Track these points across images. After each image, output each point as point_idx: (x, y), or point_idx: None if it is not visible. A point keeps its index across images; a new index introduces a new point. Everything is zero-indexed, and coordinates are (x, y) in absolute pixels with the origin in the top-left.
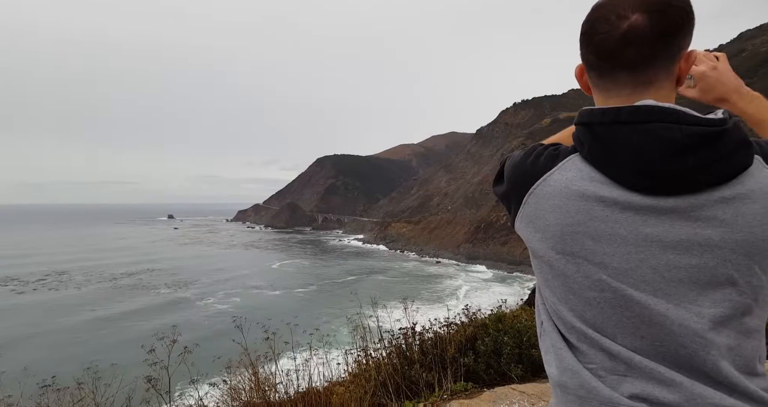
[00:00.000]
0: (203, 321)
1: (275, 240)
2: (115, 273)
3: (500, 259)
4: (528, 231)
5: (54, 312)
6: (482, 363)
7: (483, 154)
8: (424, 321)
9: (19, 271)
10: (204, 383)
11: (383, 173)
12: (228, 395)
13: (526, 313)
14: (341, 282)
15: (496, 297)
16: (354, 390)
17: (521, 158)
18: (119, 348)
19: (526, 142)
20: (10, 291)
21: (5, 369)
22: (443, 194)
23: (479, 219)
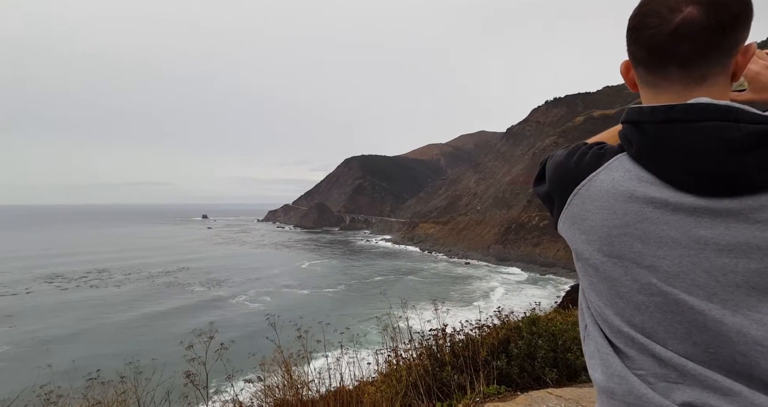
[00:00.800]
0: (236, 319)
1: (304, 240)
2: (152, 271)
3: (532, 261)
4: (572, 233)
5: (96, 310)
6: (515, 366)
7: (513, 153)
8: (454, 323)
9: (63, 269)
10: (239, 379)
11: (411, 173)
12: (262, 392)
13: (561, 316)
14: (369, 282)
15: (529, 300)
16: (385, 390)
17: (564, 158)
18: (158, 345)
19: (558, 141)
20: (55, 287)
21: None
22: (472, 194)
23: (510, 220)
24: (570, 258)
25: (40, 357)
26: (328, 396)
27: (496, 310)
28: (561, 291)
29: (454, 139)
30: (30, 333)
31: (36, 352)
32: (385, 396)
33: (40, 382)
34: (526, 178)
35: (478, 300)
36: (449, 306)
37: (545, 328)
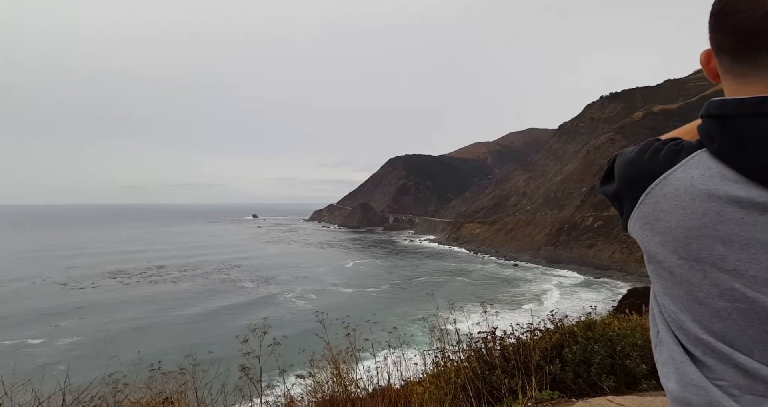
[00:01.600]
0: (285, 316)
1: (348, 240)
2: (206, 269)
3: (586, 263)
4: (644, 234)
5: (156, 305)
6: (570, 371)
7: (566, 150)
8: (504, 326)
9: (125, 266)
10: (290, 374)
11: (456, 172)
12: (312, 387)
13: (619, 321)
14: (413, 282)
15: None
16: (433, 391)
17: (636, 154)
18: (213, 339)
19: (614, 138)
20: (118, 282)
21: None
22: (521, 194)
23: (562, 220)
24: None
25: (107, 347)
26: (376, 395)
27: (549, 314)
28: (617, 296)
29: (502, 137)
30: (97, 325)
31: (103, 343)
32: (433, 396)
33: (109, 371)
34: (580, 176)
35: (528, 304)
36: (497, 309)
37: (602, 333)
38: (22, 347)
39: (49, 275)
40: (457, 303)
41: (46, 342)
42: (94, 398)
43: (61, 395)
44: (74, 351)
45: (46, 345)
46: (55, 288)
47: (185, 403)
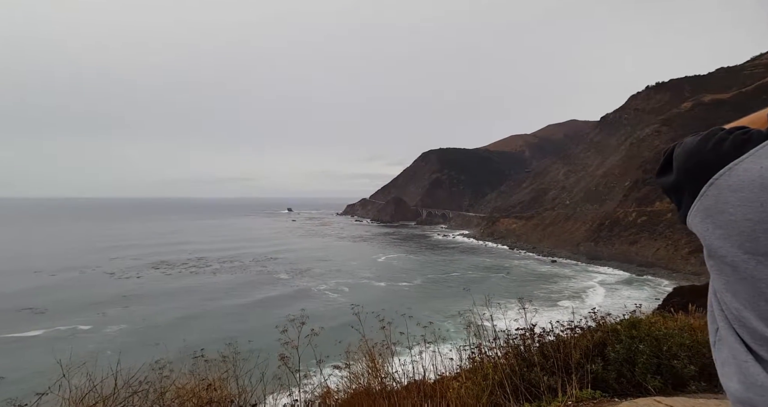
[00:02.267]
0: (319, 308)
1: (381, 234)
2: (244, 261)
3: (628, 260)
4: (705, 227)
5: (197, 294)
6: (613, 371)
7: (608, 143)
8: (542, 323)
9: (168, 257)
10: (327, 365)
11: (491, 166)
12: (348, 379)
13: (665, 320)
14: (446, 277)
15: (624, 302)
16: (470, 386)
17: (698, 144)
18: (252, 329)
19: (660, 130)
20: (161, 273)
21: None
22: (560, 188)
23: (603, 216)
24: (672, 258)
25: (151, 335)
26: (411, 388)
27: (590, 311)
28: (661, 294)
29: (541, 129)
30: (142, 314)
31: (147, 331)
32: (470, 392)
33: (155, 358)
34: (622, 170)
35: (567, 301)
36: (535, 306)
37: (647, 332)
38: (74, 332)
39: (98, 265)
40: (493, 299)
41: (95, 328)
42: (142, 383)
43: (113, 379)
44: (121, 337)
45: (95, 331)
46: (102, 278)
47: (227, 390)
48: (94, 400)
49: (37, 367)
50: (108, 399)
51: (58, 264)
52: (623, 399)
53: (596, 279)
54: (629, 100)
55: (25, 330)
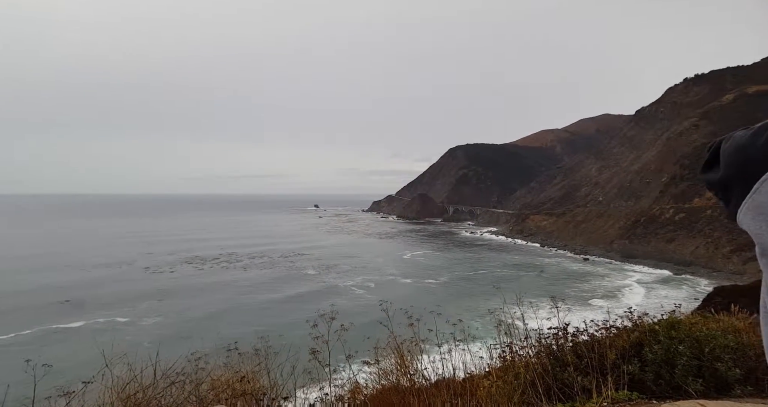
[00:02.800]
0: (346, 304)
1: (406, 231)
2: (272, 257)
3: (664, 259)
4: (758, 225)
5: (229, 289)
6: (650, 372)
7: (643, 138)
8: (576, 322)
9: (200, 252)
10: (356, 360)
11: (521, 162)
12: (377, 374)
13: (707, 321)
14: (474, 275)
15: (661, 301)
16: (501, 385)
17: (749, 138)
18: (282, 323)
19: (699, 124)
20: (194, 268)
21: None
22: (592, 184)
23: (638, 213)
24: (712, 256)
25: (186, 327)
26: (440, 385)
27: (626, 311)
28: (700, 294)
29: (572, 124)
30: (176, 307)
31: (182, 323)
32: (501, 391)
33: (191, 350)
34: (658, 165)
35: (600, 300)
36: (568, 305)
37: (687, 333)
38: (112, 325)
39: (134, 260)
40: (524, 297)
41: (131, 321)
42: (179, 374)
43: (152, 369)
44: (157, 330)
45: (131, 324)
46: (138, 272)
47: (259, 383)
48: (135, 389)
49: (80, 357)
50: (148, 388)
51: (95, 260)
52: (662, 402)
53: (631, 278)
54: (666, 93)
55: (67, 322)
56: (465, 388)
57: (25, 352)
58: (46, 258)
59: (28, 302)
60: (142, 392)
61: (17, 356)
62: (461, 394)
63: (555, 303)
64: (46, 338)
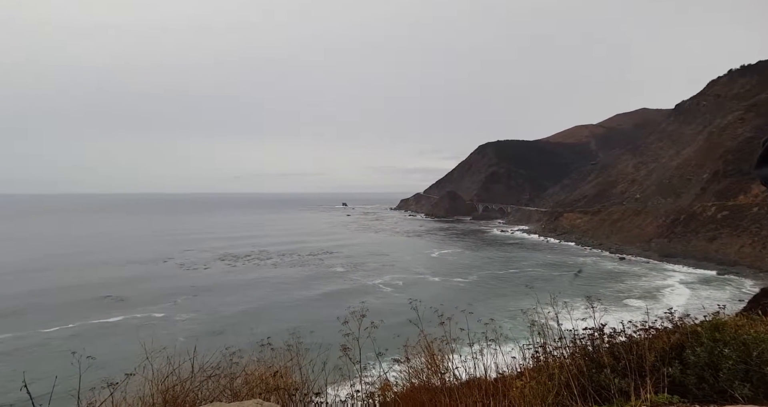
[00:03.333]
0: (374, 302)
1: (435, 229)
2: (302, 254)
3: (706, 258)
4: None
5: (260, 285)
6: (692, 375)
7: (684, 132)
8: (612, 323)
9: (233, 250)
10: (386, 358)
11: (553, 158)
12: (407, 373)
13: (754, 323)
14: (504, 274)
15: (703, 302)
16: (534, 386)
17: None
18: (312, 320)
19: (744, 117)
20: (226, 265)
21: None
22: (629, 181)
23: (678, 210)
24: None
25: (219, 323)
26: (471, 385)
27: (666, 312)
28: (745, 295)
29: (608, 119)
30: (210, 303)
31: (215, 319)
32: (534, 392)
33: (225, 344)
34: (700, 161)
35: (638, 300)
36: (604, 305)
37: (733, 336)
38: (149, 320)
39: (169, 257)
40: (558, 297)
41: (167, 316)
42: (215, 368)
43: (190, 364)
44: (192, 325)
45: (167, 319)
46: (173, 269)
47: (291, 378)
48: (173, 383)
49: (120, 350)
50: (186, 382)
51: (133, 256)
52: (705, 406)
53: (670, 278)
54: (708, 86)
55: (107, 316)
56: (497, 388)
57: (69, 345)
58: (87, 257)
59: (70, 298)
60: (180, 385)
61: (62, 348)
62: (493, 394)
63: (590, 303)
64: (88, 332)
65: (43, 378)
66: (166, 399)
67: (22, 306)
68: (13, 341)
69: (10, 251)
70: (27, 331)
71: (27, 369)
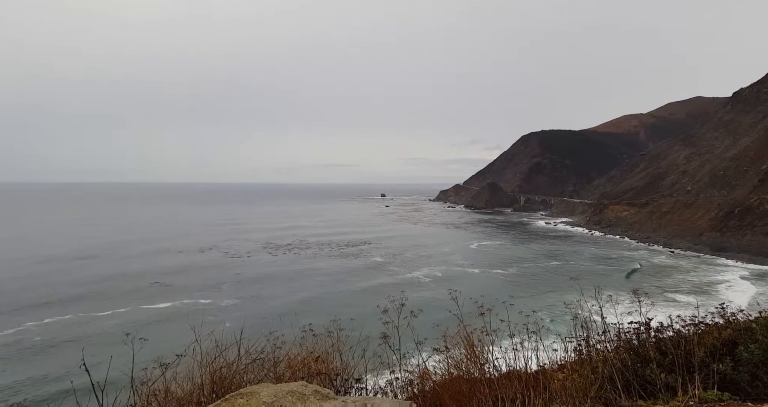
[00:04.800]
0: (413, 292)
1: (474, 221)
2: (341, 244)
3: (762, 253)
4: None
5: (301, 273)
6: (745, 372)
7: (741, 122)
8: (660, 318)
9: (274, 240)
10: (425, 347)
11: (600, 149)
12: (446, 363)
13: None
14: (545, 267)
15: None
16: (576, 379)
17: None
18: (352, 307)
19: None
20: (268, 254)
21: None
22: (680, 172)
23: (732, 203)
24: None
25: (262, 309)
26: (512, 376)
27: (717, 307)
28: None
29: (659, 108)
30: (252, 290)
31: (258, 304)
32: (576, 384)
33: (269, 329)
34: (759, 151)
35: (687, 295)
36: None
37: None
38: (196, 305)
39: (214, 245)
40: (603, 291)
41: (213, 302)
42: (259, 352)
43: (236, 347)
44: (237, 311)
45: (213, 305)
46: (218, 257)
47: (332, 364)
48: (220, 365)
49: (169, 333)
50: (232, 364)
51: (181, 244)
52: (760, 404)
53: (723, 273)
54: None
55: (157, 302)
56: (537, 380)
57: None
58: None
59: (122, 284)
60: (227, 367)
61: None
62: (533, 386)
63: (637, 297)
64: (139, 315)
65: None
66: (214, 380)
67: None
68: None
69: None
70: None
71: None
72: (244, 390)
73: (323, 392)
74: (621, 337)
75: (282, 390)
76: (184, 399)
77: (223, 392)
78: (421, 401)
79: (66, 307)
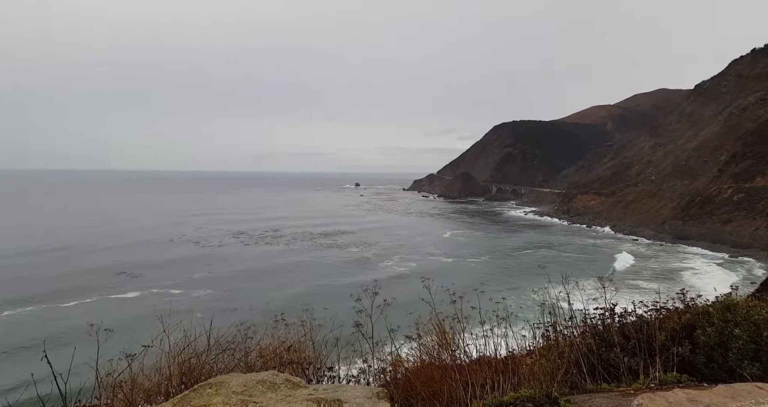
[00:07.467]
0: (387, 280)
1: (448, 210)
2: (314, 233)
3: (720, 240)
4: None
5: (273, 263)
6: (702, 355)
7: (703, 113)
8: (623, 303)
9: (245, 228)
10: (398, 334)
11: (569, 139)
12: (418, 349)
13: (766, 305)
14: (516, 255)
15: (715, 284)
16: (543, 363)
17: None
18: (325, 295)
19: (766, 98)
20: (240, 242)
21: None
22: (646, 162)
23: (693, 192)
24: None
25: (233, 298)
26: (482, 362)
27: (678, 292)
28: (758, 278)
29: (626, 100)
30: (224, 279)
31: (229, 294)
32: (543, 369)
33: (240, 319)
34: (719, 142)
35: (649, 281)
36: (615, 286)
37: (744, 316)
38: (166, 295)
39: (183, 234)
40: (569, 278)
41: (184, 292)
42: (230, 342)
43: (206, 337)
44: (207, 301)
45: (184, 295)
46: (188, 246)
47: (305, 353)
48: (189, 355)
49: (138, 324)
50: (202, 355)
51: (149, 234)
52: (714, 385)
53: (683, 260)
54: (730, 66)
55: (124, 292)
56: (506, 366)
57: (87, 318)
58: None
59: (87, 273)
60: (196, 358)
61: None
62: (503, 371)
63: (601, 283)
64: (106, 306)
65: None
66: (182, 370)
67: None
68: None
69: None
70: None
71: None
72: (214, 380)
73: (294, 380)
74: (587, 323)
75: (252, 379)
76: (152, 390)
77: (192, 382)
78: (393, 388)
79: (29, 299)
